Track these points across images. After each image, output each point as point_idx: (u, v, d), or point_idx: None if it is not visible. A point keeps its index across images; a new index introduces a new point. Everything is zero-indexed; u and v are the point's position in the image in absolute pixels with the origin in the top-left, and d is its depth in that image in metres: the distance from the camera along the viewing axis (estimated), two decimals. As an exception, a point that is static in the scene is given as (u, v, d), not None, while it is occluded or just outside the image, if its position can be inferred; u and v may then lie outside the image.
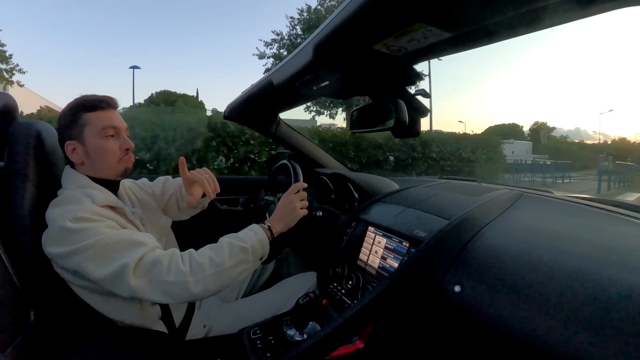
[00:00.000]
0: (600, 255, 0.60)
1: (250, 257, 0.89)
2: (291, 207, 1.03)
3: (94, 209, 0.84)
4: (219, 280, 0.84)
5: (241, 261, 0.87)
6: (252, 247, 0.89)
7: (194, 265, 0.81)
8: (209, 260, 0.83)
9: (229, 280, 0.86)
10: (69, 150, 0.92)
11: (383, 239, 1.00)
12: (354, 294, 0.97)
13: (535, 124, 66.79)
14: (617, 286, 0.51)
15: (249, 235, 0.92)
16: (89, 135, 0.91)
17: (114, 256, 0.78)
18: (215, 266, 0.83)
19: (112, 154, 0.94)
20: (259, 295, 1.26)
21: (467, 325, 0.65)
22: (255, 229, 0.95)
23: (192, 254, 0.84)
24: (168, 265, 0.80)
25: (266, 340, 0.94)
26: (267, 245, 0.94)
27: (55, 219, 0.81)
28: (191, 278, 0.79)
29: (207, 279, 0.81)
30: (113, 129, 0.94)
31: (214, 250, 0.86)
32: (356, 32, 0.65)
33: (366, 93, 1.04)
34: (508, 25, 0.58)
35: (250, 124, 1.64)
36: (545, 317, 0.53)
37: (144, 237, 0.85)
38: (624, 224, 0.77)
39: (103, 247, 0.78)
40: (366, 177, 1.41)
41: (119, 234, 0.82)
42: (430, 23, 0.59)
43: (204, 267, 0.82)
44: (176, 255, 0.83)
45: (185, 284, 0.79)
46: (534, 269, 0.61)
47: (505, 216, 0.84)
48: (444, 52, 0.74)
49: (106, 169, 0.95)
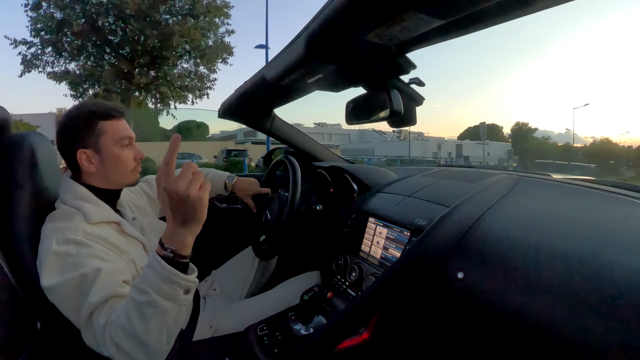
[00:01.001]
0: (602, 237, 0.60)
1: (166, 305, 0.66)
2: (182, 199, 0.64)
3: (85, 228, 0.82)
4: (148, 349, 0.68)
5: (157, 315, 0.66)
6: (158, 293, 0.65)
7: (115, 344, 0.68)
8: (123, 334, 0.67)
9: (164, 339, 0.69)
10: (82, 159, 0.89)
11: (384, 229, 1.00)
12: (358, 286, 0.98)
13: (516, 124, 65.78)
14: (619, 268, 0.51)
15: (149, 278, 0.66)
16: (106, 144, 0.90)
17: (79, 301, 0.73)
18: (132, 338, 0.66)
19: (128, 163, 0.94)
20: (263, 294, 1.26)
21: (472, 311, 0.65)
22: (153, 263, 0.66)
23: (112, 330, 0.69)
24: (102, 339, 0.70)
25: (273, 336, 0.94)
26: (179, 276, 0.66)
27: (45, 236, 0.81)
28: (119, 357, 0.69)
29: (135, 354, 0.68)
30: (129, 139, 0.94)
31: (124, 316, 0.67)
32: (348, 23, 0.64)
33: (360, 84, 1.03)
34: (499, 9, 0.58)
35: (245, 121, 1.63)
36: (548, 300, 0.54)
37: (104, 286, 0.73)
38: (624, 204, 0.77)
39: (72, 288, 0.74)
40: (364, 169, 1.41)
41: (91, 275, 0.74)
42: (421, 11, 0.58)
43: (121, 345, 0.67)
44: (108, 328, 0.69)
45: (116, 359, 0.69)
46: (534, 253, 0.61)
47: (505, 201, 0.85)
48: (436, 39, 0.73)
49: (120, 178, 0.95)
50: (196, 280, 0.71)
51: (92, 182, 0.93)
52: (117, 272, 0.78)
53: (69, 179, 0.93)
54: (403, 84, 0.93)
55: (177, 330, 0.72)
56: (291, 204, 1.15)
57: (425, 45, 0.77)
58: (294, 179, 1.19)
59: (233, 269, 1.45)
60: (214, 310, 1.17)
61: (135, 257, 0.89)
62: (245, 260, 1.46)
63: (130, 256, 0.88)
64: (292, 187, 1.17)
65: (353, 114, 1.04)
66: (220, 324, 1.12)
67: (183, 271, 0.67)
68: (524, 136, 59.48)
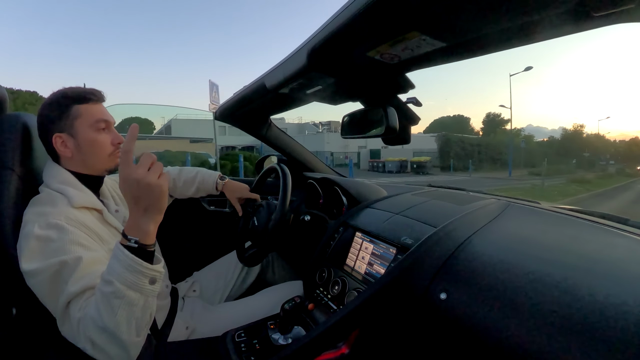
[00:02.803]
0: (587, 265, 0.61)
1: (132, 296, 0.66)
2: (143, 187, 0.65)
3: (68, 213, 0.81)
4: (120, 342, 0.67)
5: (125, 306, 0.65)
6: (123, 283, 0.65)
7: (88, 337, 0.67)
8: (93, 327, 0.66)
9: (133, 331, 0.68)
10: (58, 143, 0.89)
11: (370, 244, 1.00)
12: (340, 299, 0.97)
13: (487, 115, 62.74)
14: (603, 297, 0.52)
15: (113, 269, 0.66)
16: (81, 128, 0.89)
17: (57, 289, 0.72)
18: (102, 331, 0.65)
19: (104, 148, 0.93)
20: (243, 300, 1.25)
21: (453, 332, 0.65)
22: (117, 254, 0.66)
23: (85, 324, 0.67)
24: (77, 332, 0.69)
25: (250, 344, 0.93)
26: (142, 265, 0.66)
27: (27, 221, 0.79)
28: (92, 351, 0.67)
29: (107, 347, 0.67)
30: (105, 122, 0.93)
31: (94, 308, 0.66)
32: (351, 39, 0.65)
33: (358, 99, 1.04)
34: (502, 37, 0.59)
35: (241, 125, 1.64)
36: (531, 327, 0.54)
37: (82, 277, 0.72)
38: (610, 236, 0.79)
39: (52, 276, 0.72)
40: (355, 183, 1.42)
41: (71, 263, 0.73)
42: (424, 32, 0.60)
43: (93, 339, 0.66)
44: (81, 321, 0.68)
45: (92, 354, 0.68)
46: (520, 278, 0.61)
47: (492, 226, 0.85)
48: (437, 61, 0.75)
49: (97, 163, 0.93)
50: (162, 270, 0.70)
51: (71, 167, 0.92)
52: (97, 262, 0.77)
53: (54, 163, 0.92)
54: (400, 102, 0.94)
55: (147, 322, 0.71)
56: (280, 212, 1.15)
57: (426, 66, 0.78)
58: (284, 187, 1.19)
59: (215, 272, 1.44)
60: (192, 312, 1.16)
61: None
62: (228, 265, 1.45)
63: (110, 246, 0.86)
64: (281, 195, 1.17)
65: (349, 127, 1.05)
66: (197, 326, 1.11)
67: (148, 261, 0.68)
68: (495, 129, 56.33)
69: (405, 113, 0.94)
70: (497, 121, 60.44)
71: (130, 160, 0.66)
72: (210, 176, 1.41)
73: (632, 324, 0.46)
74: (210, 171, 1.44)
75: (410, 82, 0.88)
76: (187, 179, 1.38)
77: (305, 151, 1.81)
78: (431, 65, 0.78)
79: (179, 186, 1.38)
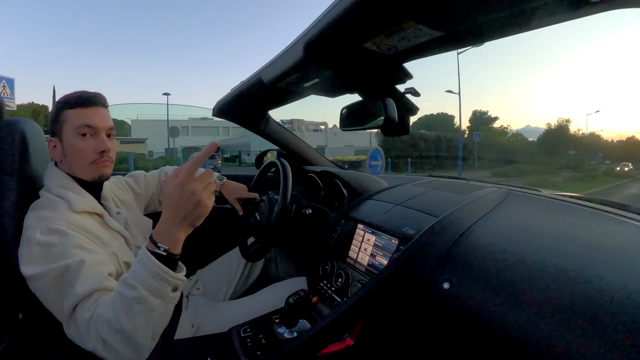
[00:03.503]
0: (588, 253, 0.61)
1: (154, 302, 0.66)
2: (194, 200, 0.66)
3: (69, 217, 0.81)
4: (134, 345, 0.67)
5: (145, 311, 0.66)
6: (147, 289, 0.65)
7: (101, 338, 0.67)
8: (109, 329, 0.66)
9: (149, 336, 0.69)
10: (50, 147, 0.91)
11: (372, 236, 1.01)
12: (344, 292, 0.98)
13: (474, 113, 60.16)
14: (605, 284, 0.52)
15: (138, 274, 0.66)
16: (66, 132, 0.89)
17: (62, 292, 0.72)
18: (117, 333, 0.66)
19: (84, 155, 0.89)
20: (247, 297, 1.25)
21: (456, 321, 0.66)
22: (144, 260, 0.66)
23: (98, 324, 0.68)
24: (87, 332, 0.69)
25: (256, 339, 0.94)
26: (168, 273, 0.66)
27: (28, 226, 0.79)
28: (103, 352, 0.68)
29: (120, 349, 0.67)
30: (89, 128, 0.88)
31: (111, 310, 0.67)
32: (347, 30, 0.65)
33: (356, 91, 1.04)
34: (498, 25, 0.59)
35: (239, 121, 1.63)
36: (532, 314, 0.54)
37: (88, 278, 0.73)
38: (611, 222, 0.78)
39: (55, 279, 0.73)
40: (355, 175, 1.42)
41: (75, 266, 0.73)
42: (421, 22, 0.59)
43: (107, 340, 0.66)
44: (93, 322, 0.69)
45: (102, 356, 0.68)
46: (521, 266, 0.62)
47: (493, 214, 0.85)
48: (434, 51, 0.74)
49: (80, 171, 0.91)
50: (184, 279, 0.71)
51: (67, 171, 0.91)
52: (102, 264, 0.78)
53: (55, 167, 0.92)
54: (398, 93, 0.94)
55: (163, 327, 0.72)
56: (281, 205, 1.15)
57: (423, 55, 0.78)
58: (285, 181, 1.19)
59: (218, 269, 1.44)
60: (196, 310, 1.16)
61: (117, 251, 0.88)
62: (231, 262, 1.45)
63: (112, 249, 0.87)
64: (282, 189, 1.17)
65: (347, 120, 1.05)
66: (203, 324, 1.11)
67: (172, 269, 0.68)
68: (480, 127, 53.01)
69: (404, 103, 0.94)
70: (484, 119, 58.60)
71: (194, 170, 0.67)
72: None
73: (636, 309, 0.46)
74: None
75: (408, 73, 0.88)
76: None
77: (305, 145, 1.80)
78: (429, 55, 0.77)
79: None
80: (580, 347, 0.47)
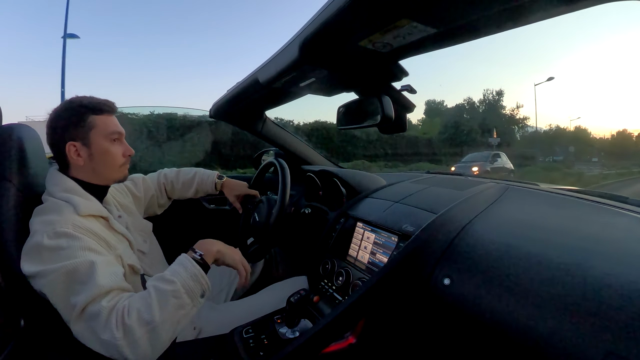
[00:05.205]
0: (587, 246, 0.61)
1: (186, 300, 0.74)
2: (236, 259, 0.92)
3: (75, 220, 0.81)
4: (155, 340, 0.71)
5: (176, 307, 0.73)
6: (184, 286, 0.74)
7: (126, 327, 0.69)
8: (137, 318, 0.69)
9: (170, 334, 0.73)
10: (71, 151, 0.89)
11: (372, 234, 1.01)
12: (345, 290, 0.98)
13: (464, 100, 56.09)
14: (605, 277, 0.52)
15: (178, 272, 0.76)
16: (96, 138, 0.90)
17: (72, 289, 0.73)
18: (145, 324, 0.69)
19: (116, 159, 0.95)
20: (248, 298, 1.25)
21: (457, 317, 0.66)
22: (184, 262, 0.79)
23: (124, 313, 0.70)
24: (106, 321, 0.69)
25: (259, 339, 0.94)
26: (204, 277, 0.78)
27: (35, 231, 0.79)
28: (123, 342, 0.68)
29: (140, 342, 0.69)
30: (118, 134, 0.95)
31: (142, 301, 0.71)
32: (342, 29, 0.65)
33: (352, 89, 1.04)
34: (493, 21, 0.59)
35: (236, 122, 1.63)
36: (534, 309, 0.55)
37: (104, 276, 0.74)
38: (610, 215, 0.79)
39: (66, 275, 0.73)
40: (353, 173, 1.42)
41: (86, 265, 0.74)
42: (415, 19, 0.59)
43: (132, 329, 0.68)
44: (117, 311, 0.70)
45: (117, 347, 0.68)
46: (521, 261, 0.62)
47: (492, 209, 0.86)
48: (429, 48, 0.74)
49: (108, 173, 0.95)
50: (210, 288, 0.81)
51: (80, 176, 0.92)
52: (111, 264, 0.80)
53: (57, 172, 0.92)
54: (395, 90, 0.94)
55: (181, 329, 0.76)
56: (280, 205, 1.15)
57: (419, 53, 0.78)
58: (283, 181, 1.19)
59: (219, 271, 1.43)
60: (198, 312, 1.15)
61: (123, 254, 0.89)
62: None
63: (118, 252, 0.87)
64: (281, 189, 1.17)
65: (344, 118, 1.05)
66: (205, 326, 1.11)
67: None
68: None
69: (401, 101, 0.94)
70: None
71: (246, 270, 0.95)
72: (209, 176, 1.40)
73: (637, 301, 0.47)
74: (207, 171, 1.43)
75: (404, 70, 0.88)
76: (185, 181, 1.38)
77: (303, 145, 1.80)
78: (424, 52, 0.78)
79: (177, 188, 1.37)
80: (583, 340, 0.47)
